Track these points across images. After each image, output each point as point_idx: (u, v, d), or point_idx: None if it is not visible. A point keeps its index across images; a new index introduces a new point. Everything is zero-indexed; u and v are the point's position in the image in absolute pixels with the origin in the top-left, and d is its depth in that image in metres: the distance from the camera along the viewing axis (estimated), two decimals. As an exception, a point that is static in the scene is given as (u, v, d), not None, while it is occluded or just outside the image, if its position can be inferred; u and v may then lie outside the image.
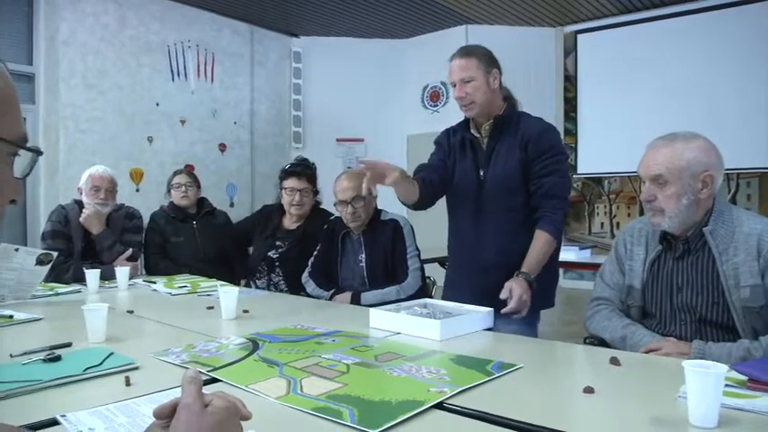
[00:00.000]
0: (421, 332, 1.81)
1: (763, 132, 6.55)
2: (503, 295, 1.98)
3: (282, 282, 3.09)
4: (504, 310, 1.97)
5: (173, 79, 7.00)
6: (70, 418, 1.11)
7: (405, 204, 2.28)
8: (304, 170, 3.18)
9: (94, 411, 1.14)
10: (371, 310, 2.00)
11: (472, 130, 2.35)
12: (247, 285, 3.15)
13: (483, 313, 1.96)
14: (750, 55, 6.62)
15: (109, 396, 1.24)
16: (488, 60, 2.25)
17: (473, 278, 2.31)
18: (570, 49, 7.92)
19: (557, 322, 5.51)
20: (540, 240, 2.14)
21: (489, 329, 1.96)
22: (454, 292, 2.38)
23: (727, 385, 1.16)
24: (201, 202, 3.61)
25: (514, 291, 1.97)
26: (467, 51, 2.26)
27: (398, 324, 1.89)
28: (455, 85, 2.25)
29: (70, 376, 1.35)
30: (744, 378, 1.27)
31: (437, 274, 3.04)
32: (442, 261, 3.77)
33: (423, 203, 2.30)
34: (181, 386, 0.77)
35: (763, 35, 6.55)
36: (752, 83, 6.61)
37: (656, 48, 7.17)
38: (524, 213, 2.23)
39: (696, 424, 1.09)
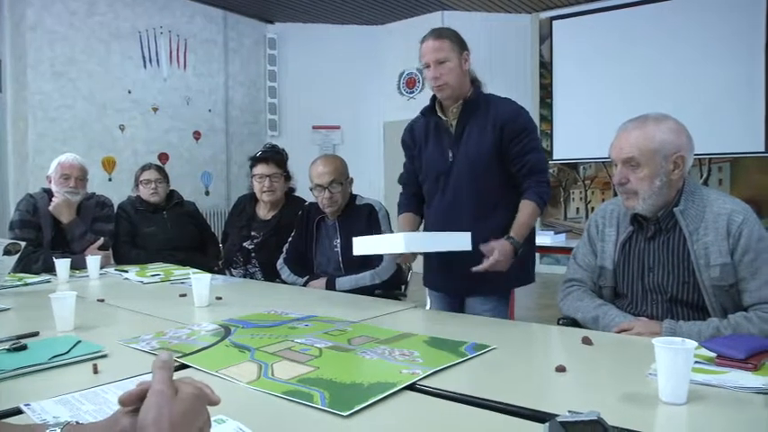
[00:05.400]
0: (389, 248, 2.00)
1: (735, 118, 6.64)
2: (483, 248, 2.04)
3: (259, 272, 3.06)
4: (474, 269, 2.03)
5: (144, 66, 6.88)
6: (34, 407, 1.08)
7: None
8: (272, 155, 3.14)
9: (60, 399, 1.12)
10: (355, 239, 2.07)
11: (439, 113, 2.34)
12: (222, 273, 3.12)
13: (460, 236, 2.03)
14: (723, 41, 6.69)
15: (75, 384, 1.21)
16: (460, 42, 2.26)
17: (452, 261, 2.30)
18: (546, 36, 7.94)
19: (533, 306, 5.55)
20: (527, 208, 2.18)
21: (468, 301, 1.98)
22: (435, 276, 2.42)
23: (696, 362, 1.17)
24: (171, 194, 3.55)
25: (494, 254, 2.02)
26: (439, 33, 2.26)
27: (375, 244, 2.05)
28: (428, 66, 2.24)
29: (35, 365, 1.32)
30: (712, 355, 1.28)
31: (412, 259, 3.03)
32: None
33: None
34: (152, 371, 0.75)
35: (737, 21, 6.62)
36: (725, 69, 6.69)
37: (631, 34, 7.22)
38: (496, 194, 2.25)
39: (666, 400, 1.10)
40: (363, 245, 2.11)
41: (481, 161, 2.23)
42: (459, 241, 2.00)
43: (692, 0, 6.88)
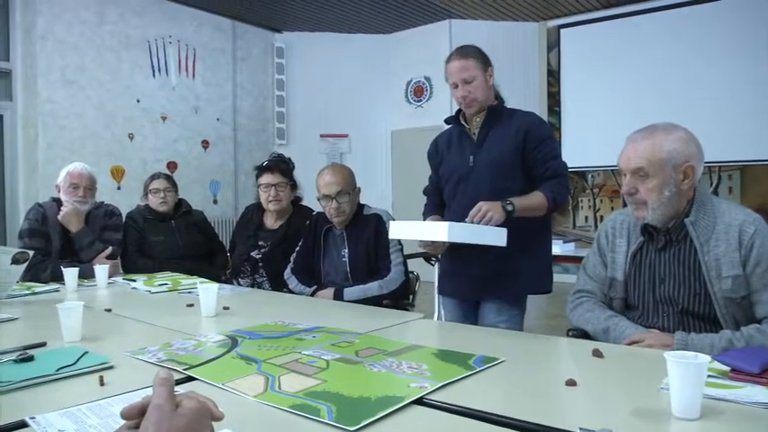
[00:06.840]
0: (429, 235, 2.04)
1: (745, 125, 6.61)
2: (474, 209, 2.10)
3: (266, 282, 3.05)
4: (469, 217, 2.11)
5: (153, 75, 6.93)
6: (39, 420, 1.07)
7: None
8: (277, 164, 3.14)
9: (65, 412, 1.11)
10: (392, 222, 2.13)
11: (462, 122, 2.44)
12: (230, 282, 3.11)
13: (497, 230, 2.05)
14: (732, 49, 6.67)
15: (81, 396, 1.20)
16: (484, 60, 2.37)
17: (468, 265, 2.33)
18: (553, 44, 7.93)
19: (541, 316, 5.52)
20: (534, 195, 2.23)
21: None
22: (450, 280, 2.47)
23: (709, 376, 1.15)
24: (179, 203, 3.56)
25: (483, 205, 2.09)
26: (464, 53, 2.35)
27: (413, 230, 2.08)
28: (456, 86, 2.33)
29: (42, 377, 1.31)
30: (726, 368, 1.26)
31: (421, 269, 3.02)
32: (426, 256, 3.75)
33: None
34: (152, 387, 0.75)
35: (745, 29, 6.60)
36: (733, 77, 6.66)
37: (639, 42, 7.21)
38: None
39: (678, 415, 1.07)
40: (400, 229, 2.16)
41: (502, 165, 2.29)
42: (496, 236, 2.04)
43: (700, 7, 6.86)
